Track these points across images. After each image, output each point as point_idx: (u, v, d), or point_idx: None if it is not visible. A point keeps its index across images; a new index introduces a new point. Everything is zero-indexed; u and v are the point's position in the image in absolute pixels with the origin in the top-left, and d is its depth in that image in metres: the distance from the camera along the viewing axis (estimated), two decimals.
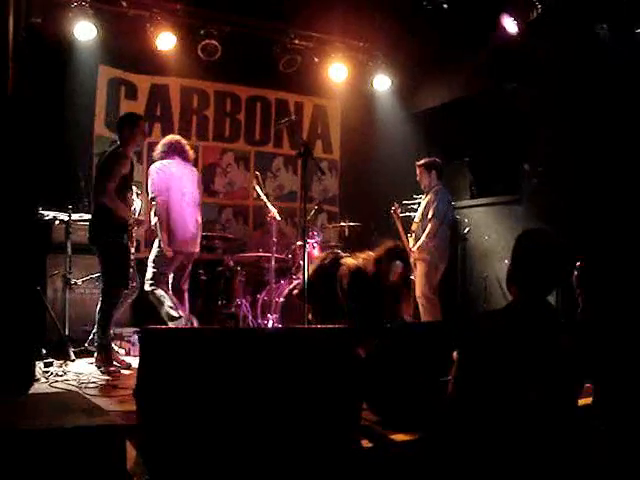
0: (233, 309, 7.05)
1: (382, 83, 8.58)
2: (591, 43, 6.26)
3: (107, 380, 4.95)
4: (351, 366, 3.82)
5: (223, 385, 3.40)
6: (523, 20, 6.70)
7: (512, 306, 2.67)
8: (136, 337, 6.12)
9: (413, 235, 6.85)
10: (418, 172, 6.91)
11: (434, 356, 4.04)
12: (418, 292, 6.64)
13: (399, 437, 3.72)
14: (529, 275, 2.62)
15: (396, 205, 7.12)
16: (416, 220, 6.85)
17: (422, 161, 6.91)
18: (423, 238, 6.61)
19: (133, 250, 6.04)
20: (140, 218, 6.19)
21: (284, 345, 3.74)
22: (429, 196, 6.75)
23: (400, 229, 7.00)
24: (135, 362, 5.47)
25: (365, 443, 3.64)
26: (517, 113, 7.45)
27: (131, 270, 5.91)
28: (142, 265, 6.35)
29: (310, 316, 5.46)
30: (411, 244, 6.79)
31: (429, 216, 6.60)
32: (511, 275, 2.70)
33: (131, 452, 3.04)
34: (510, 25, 6.81)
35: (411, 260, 6.65)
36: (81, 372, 5.18)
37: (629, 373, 2.70)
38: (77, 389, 4.58)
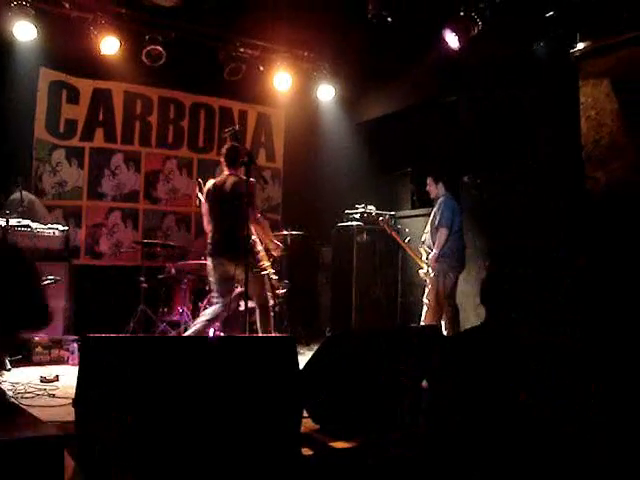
0: (174, 317, 7.00)
1: (326, 93, 8.64)
2: (528, 59, 6.46)
3: (45, 390, 4.85)
4: (291, 374, 3.85)
5: (164, 393, 3.40)
6: (464, 36, 6.85)
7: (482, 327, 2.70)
8: (75, 345, 6.02)
9: (424, 245, 6.79)
10: (428, 182, 6.87)
11: (374, 363, 4.11)
12: (425, 296, 6.64)
13: (339, 445, 3.77)
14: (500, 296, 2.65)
15: (386, 217, 7.08)
16: (426, 230, 6.79)
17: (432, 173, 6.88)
18: (435, 250, 6.56)
19: None
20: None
21: (225, 353, 3.76)
22: (436, 206, 6.73)
23: (398, 240, 6.97)
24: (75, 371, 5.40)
25: (305, 451, 3.67)
26: (457, 125, 7.63)
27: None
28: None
29: None
30: (423, 255, 6.74)
31: (437, 225, 6.57)
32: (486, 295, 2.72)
33: (69, 462, 3.01)
34: (452, 40, 6.95)
35: (425, 270, 6.70)
36: (17, 382, 5.06)
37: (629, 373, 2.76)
38: (13, 399, 4.48)
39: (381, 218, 7.08)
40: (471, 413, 2.48)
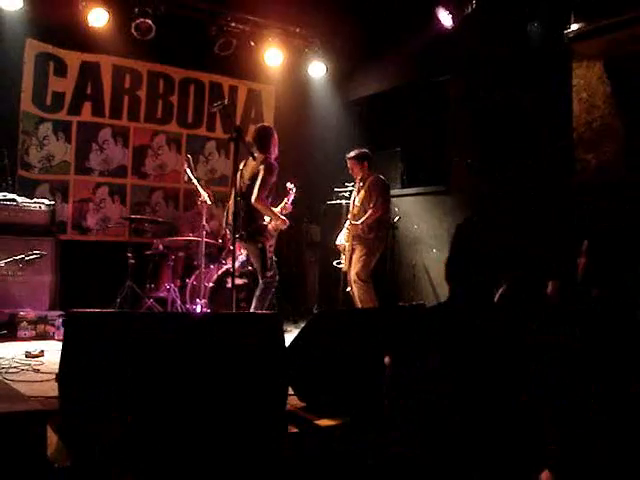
0: (162, 293, 6.97)
1: (317, 70, 8.58)
2: (522, 40, 6.42)
3: (29, 365, 4.82)
4: (277, 351, 3.84)
5: (149, 369, 3.38)
6: (458, 14, 6.80)
7: (448, 302, 2.64)
8: (61, 321, 5.98)
9: (349, 220, 6.77)
10: (350, 165, 6.81)
11: (360, 342, 4.10)
12: (354, 275, 6.61)
13: (324, 422, 3.76)
14: (467, 268, 2.58)
15: None
16: (357, 204, 6.73)
17: (353, 154, 6.79)
18: (361, 225, 6.58)
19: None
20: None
21: (211, 330, 3.74)
22: (368, 185, 6.67)
23: None
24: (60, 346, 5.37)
25: (291, 429, 3.67)
26: (449, 105, 7.59)
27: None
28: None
29: None
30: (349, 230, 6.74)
31: (372, 204, 6.55)
32: (449, 268, 2.65)
33: (52, 438, 2.99)
34: (445, 18, 6.91)
35: (346, 243, 6.73)
36: (2, 357, 5.02)
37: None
38: None
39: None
40: (471, 413, 2.46)
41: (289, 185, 6.68)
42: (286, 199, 6.58)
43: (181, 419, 3.36)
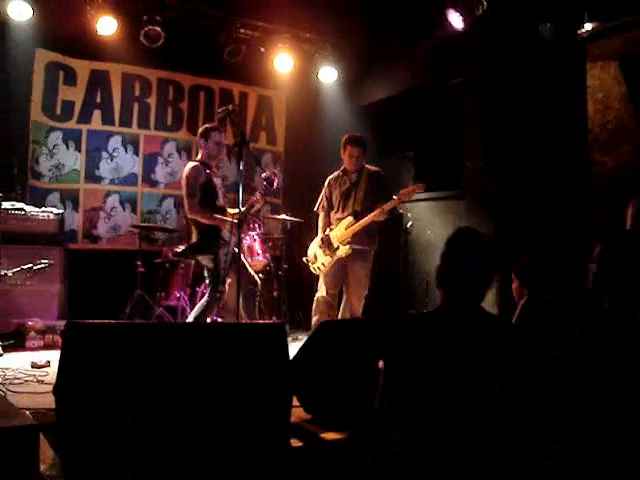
0: (172, 302, 6.90)
1: (328, 75, 8.51)
2: (535, 41, 6.30)
3: (34, 376, 4.76)
4: (282, 362, 3.75)
5: (150, 381, 3.31)
6: (469, 16, 6.69)
7: (439, 310, 2.61)
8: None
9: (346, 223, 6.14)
10: (355, 153, 6.16)
11: (366, 353, 4.00)
12: (358, 297, 6.05)
13: (329, 436, 3.67)
14: (457, 277, 2.56)
15: None
16: (360, 199, 6.09)
17: (362, 141, 6.26)
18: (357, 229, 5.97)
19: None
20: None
21: (213, 341, 3.66)
22: (369, 176, 6.15)
23: None
24: None
25: (294, 442, 3.57)
26: (461, 108, 7.48)
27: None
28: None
29: None
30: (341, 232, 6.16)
31: (386, 196, 5.88)
32: (439, 276, 2.64)
33: (47, 452, 2.92)
34: (456, 20, 6.80)
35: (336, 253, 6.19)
36: (8, 367, 4.98)
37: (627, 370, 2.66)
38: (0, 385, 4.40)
39: None
40: (471, 413, 2.39)
41: (265, 174, 5.78)
42: (259, 191, 5.85)
43: (183, 429, 3.29)
